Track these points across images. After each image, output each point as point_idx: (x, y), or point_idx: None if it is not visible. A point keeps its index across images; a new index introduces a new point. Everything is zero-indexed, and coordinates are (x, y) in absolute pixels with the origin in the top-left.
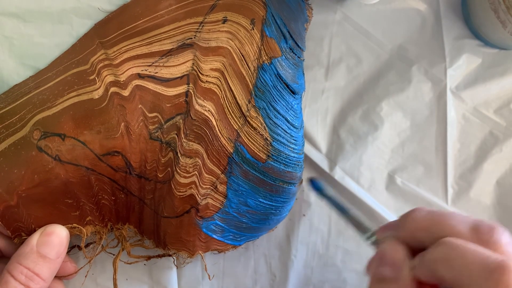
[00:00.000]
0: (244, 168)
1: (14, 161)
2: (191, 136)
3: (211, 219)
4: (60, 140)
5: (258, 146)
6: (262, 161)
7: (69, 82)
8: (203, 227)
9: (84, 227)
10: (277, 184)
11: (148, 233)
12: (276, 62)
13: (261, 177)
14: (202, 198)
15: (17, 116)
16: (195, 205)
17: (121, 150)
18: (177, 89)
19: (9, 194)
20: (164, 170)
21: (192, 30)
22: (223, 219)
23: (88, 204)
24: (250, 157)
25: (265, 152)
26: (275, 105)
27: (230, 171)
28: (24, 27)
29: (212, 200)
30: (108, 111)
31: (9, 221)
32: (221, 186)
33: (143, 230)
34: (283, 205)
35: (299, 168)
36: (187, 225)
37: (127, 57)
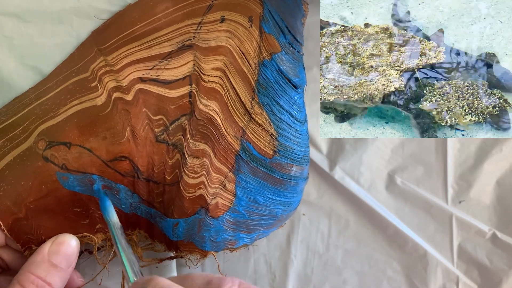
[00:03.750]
0: (251, 165)
1: (21, 173)
2: (197, 136)
3: (222, 219)
4: (66, 149)
5: (264, 142)
6: (269, 157)
7: (70, 90)
8: (214, 227)
9: (94, 235)
10: (285, 179)
11: (159, 237)
12: (276, 57)
13: (269, 173)
14: (212, 197)
15: (20, 128)
16: (205, 205)
17: (128, 154)
18: (180, 90)
19: (17, 207)
20: (172, 172)
21: (190, 31)
22: (234, 218)
23: (97, 211)
24: (257, 154)
25: (272, 148)
26: (279, 100)
27: (238, 169)
28: (24, 27)
29: (222, 199)
30: (112, 116)
31: (19, 234)
32: (230, 185)
33: (153, 234)
34: (291, 200)
35: (305, 162)
36: (198, 226)
37: (128, 62)
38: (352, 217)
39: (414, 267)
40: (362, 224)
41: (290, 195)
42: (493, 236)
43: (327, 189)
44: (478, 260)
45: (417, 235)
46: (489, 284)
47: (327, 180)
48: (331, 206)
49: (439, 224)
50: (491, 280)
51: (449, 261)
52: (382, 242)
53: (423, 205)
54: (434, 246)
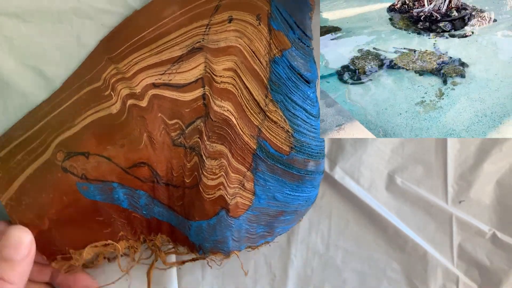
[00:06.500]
0: (269, 163)
1: (41, 186)
2: (214, 138)
3: (243, 218)
4: (84, 159)
5: (280, 139)
6: (285, 153)
7: (84, 101)
8: (236, 227)
9: (117, 243)
10: (303, 175)
11: (181, 240)
12: (287, 54)
13: (286, 170)
14: (231, 198)
15: (38, 141)
16: (225, 206)
17: (147, 160)
18: (194, 93)
19: (40, 219)
20: (191, 175)
21: (199, 33)
22: (254, 216)
23: (119, 219)
24: (274, 151)
25: (288, 145)
26: (292, 96)
27: (255, 167)
28: (24, 27)
29: (241, 198)
30: (128, 123)
31: (44, 246)
32: (248, 184)
33: (176, 237)
34: (309, 195)
35: (321, 156)
36: (219, 227)
37: (139, 69)
38: (352, 217)
39: (414, 267)
40: (362, 224)
41: (308, 190)
42: (493, 236)
43: (327, 189)
44: (478, 260)
45: (417, 235)
46: (489, 284)
47: (327, 180)
48: (331, 206)
49: (439, 224)
50: (491, 280)
51: (449, 261)
52: (382, 242)
53: (423, 205)
54: (434, 246)
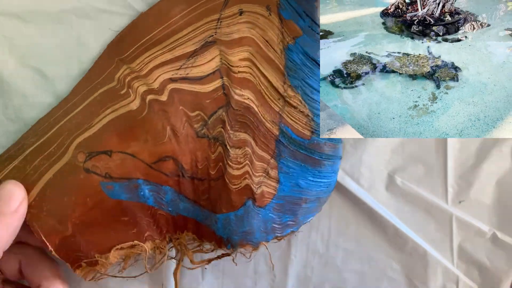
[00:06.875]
0: (291, 148)
1: (62, 189)
2: (237, 126)
3: (268, 207)
4: (107, 157)
5: (301, 124)
6: (307, 138)
7: (100, 101)
8: (262, 217)
9: (144, 244)
10: (324, 159)
11: (207, 236)
12: (299, 40)
13: (308, 155)
14: (257, 187)
15: (55, 145)
16: (252, 196)
17: (172, 153)
18: (213, 84)
19: (63, 225)
20: (215, 167)
21: (211, 28)
22: (279, 205)
23: (145, 218)
24: (296, 136)
25: (309, 129)
26: (309, 81)
27: (279, 154)
28: (24, 27)
29: (266, 187)
30: (150, 118)
31: (67, 253)
32: (273, 171)
33: (202, 234)
34: (329, 181)
35: (339, 140)
36: (247, 218)
37: (154, 66)
38: (352, 217)
39: (414, 267)
40: (362, 224)
41: (329, 175)
42: (493, 236)
43: None
44: (478, 260)
45: (417, 235)
46: (489, 284)
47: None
48: (331, 206)
49: (439, 224)
50: (491, 280)
51: (449, 261)
52: (382, 242)
53: (423, 205)
54: (434, 246)
